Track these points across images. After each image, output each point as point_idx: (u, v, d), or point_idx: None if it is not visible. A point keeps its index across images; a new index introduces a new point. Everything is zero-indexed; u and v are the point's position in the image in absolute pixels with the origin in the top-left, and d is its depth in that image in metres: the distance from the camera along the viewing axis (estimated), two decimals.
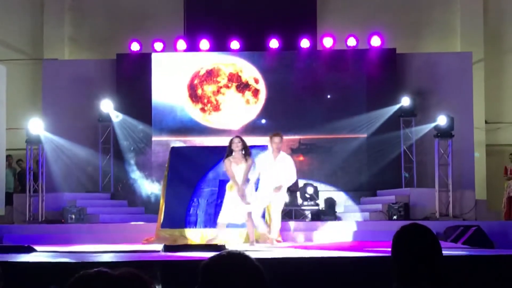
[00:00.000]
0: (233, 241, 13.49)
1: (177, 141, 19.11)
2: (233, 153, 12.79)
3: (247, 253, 2.93)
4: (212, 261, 2.83)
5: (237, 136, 13.10)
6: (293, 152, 19.42)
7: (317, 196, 18.11)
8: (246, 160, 12.79)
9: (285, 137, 19.29)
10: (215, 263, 2.82)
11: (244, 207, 12.76)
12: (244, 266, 2.80)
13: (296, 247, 12.68)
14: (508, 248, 12.88)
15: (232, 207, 12.84)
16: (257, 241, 13.40)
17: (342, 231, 15.54)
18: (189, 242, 13.69)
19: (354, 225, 16.17)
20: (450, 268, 3.66)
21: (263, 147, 15.81)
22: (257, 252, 10.46)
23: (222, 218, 12.99)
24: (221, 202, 13.52)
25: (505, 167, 19.38)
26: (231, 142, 12.90)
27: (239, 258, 2.85)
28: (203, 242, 13.55)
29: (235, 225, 13.52)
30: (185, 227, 14.28)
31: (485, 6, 21.13)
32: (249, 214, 12.84)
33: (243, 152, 12.80)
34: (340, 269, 8.48)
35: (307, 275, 8.37)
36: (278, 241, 13.40)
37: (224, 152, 13.21)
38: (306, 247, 12.65)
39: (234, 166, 12.78)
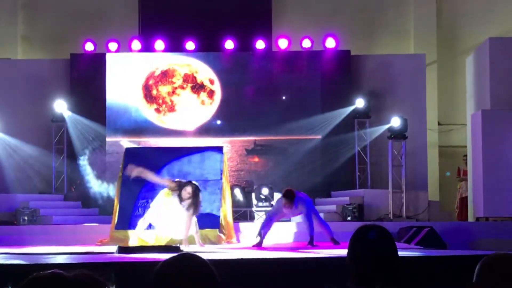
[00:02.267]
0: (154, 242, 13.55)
1: (132, 142, 19.01)
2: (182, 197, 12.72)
3: (200, 254, 2.93)
4: (166, 264, 2.83)
5: (193, 185, 12.82)
6: (248, 153, 19.46)
7: (272, 197, 18.12)
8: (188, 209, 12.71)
9: (240, 138, 19.43)
10: (168, 266, 2.81)
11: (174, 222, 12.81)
12: (196, 267, 2.80)
13: (249, 248, 12.70)
14: (460, 248, 13.03)
15: (160, 211, 12.81)
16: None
17: (296, 232, 15.56)
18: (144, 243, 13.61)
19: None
20: (403, 268, 3.69)
21: (218, 149, 15.83)
22: (211, 253, 10.46)
23: (149, 216, 12.94)
24: None
25: (458, 168, 19.61)
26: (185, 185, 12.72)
27: (191, 260, 2.84)
28: (158, 243, 13.48)
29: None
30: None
31: (438, 8, 21.35)
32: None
33: (189, 203, 12.67)
34: (294, 269, 8.51)
35: (259, 276, 8.39)
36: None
37: (178, 153, 13.20)
38: (258, 248, 12.67)
39: (174, 199, 12.72)
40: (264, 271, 8.48)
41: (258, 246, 12.95)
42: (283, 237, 15.13)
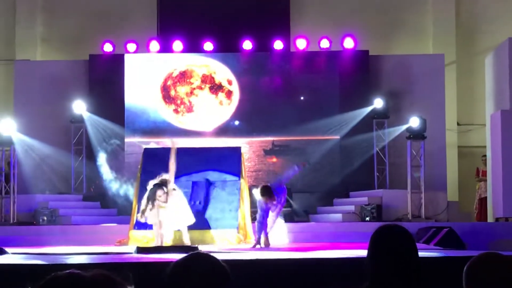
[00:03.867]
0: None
1: (150, 142, 19.03)
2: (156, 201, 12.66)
3: (217, 254, 2.94)
4: (178, 264, 2.83)
5: (161, 187, 12.75)
6: (266, 153, 19.46)
7: (291, 197, 18.10)
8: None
9: (258, 139, 19.42)
10: (180, 266, 2.82)
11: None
12: (209, 266, 2.80)
13: (268, 249, 12.68)
14: (480, 249, 12.95)
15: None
16: None
17: (315, 232, 15.54)
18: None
19: (327, 226, 16.18)
20: (422, 269, 3.67)
21: (236, 149, 15.83)
22: (228, 253, 10.46)
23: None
24: (194, 204, 13.56)
25: (477, 168, 19.50)
26: (155, 192, 12.64)
27: (203, 259, 2.85)
28: (176, 243, 13.50)
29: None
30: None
31: (457, 8, 21.26)
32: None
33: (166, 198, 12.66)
34: (313, 270, 8.49)
35: (277, 276, 8.38)
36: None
37: (197, 154, 13.18)
38: (278, 249, 12.64)
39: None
40: (280, 272, 8.47)
41: (258, 245, 12.94)
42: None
